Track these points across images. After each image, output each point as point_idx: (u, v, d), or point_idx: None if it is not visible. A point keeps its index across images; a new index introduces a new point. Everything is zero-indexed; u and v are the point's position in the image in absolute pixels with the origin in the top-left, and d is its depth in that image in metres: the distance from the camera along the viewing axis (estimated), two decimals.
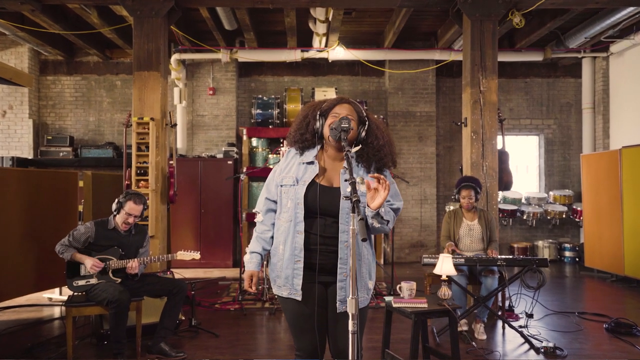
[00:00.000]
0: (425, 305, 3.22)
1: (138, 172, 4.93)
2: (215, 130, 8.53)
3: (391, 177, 2.24)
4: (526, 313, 4.75)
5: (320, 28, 7.07)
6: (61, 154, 8.11)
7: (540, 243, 8.51)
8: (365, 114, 2.22)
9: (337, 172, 2.18)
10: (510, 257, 4.24)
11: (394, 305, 3.26)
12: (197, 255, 3.75)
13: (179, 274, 5.24)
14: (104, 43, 8.27)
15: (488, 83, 5.23)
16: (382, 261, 8.18)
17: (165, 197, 5.13)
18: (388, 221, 2.06)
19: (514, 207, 8.32)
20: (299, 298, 2.14)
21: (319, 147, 2.23)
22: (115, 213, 3.75)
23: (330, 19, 6.69)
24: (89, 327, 4.32)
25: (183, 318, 4.36)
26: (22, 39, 7.57)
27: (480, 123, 5.20)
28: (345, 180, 1.98)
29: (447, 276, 3.42)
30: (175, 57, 7.88)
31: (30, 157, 8.16)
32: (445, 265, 3.34)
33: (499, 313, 4.67)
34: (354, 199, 1.75)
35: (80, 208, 5.84)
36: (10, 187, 4.87)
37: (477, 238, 4.61)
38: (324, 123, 2.19)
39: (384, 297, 3.45)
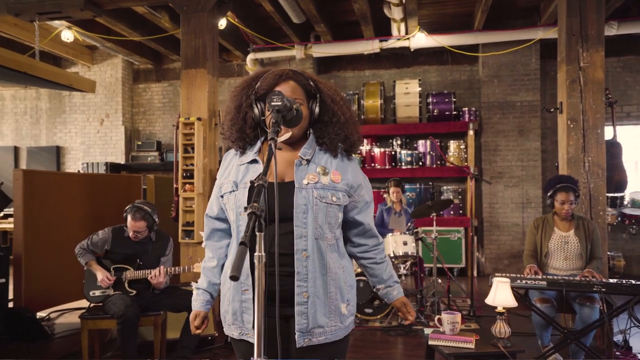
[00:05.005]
0: (472, 346, 2.44)
1: (184, 175, 4.69)
2: None
3: (356, 163, 1.70)
4: None
5: (396, 13, 6.34)
6: (149, 158, 8.41)
7: None
8: (314, 85, 1.66)
9: (291, 164, 1.64)
10: (613, 281, 3.18)
11: (430, 342, 2.53)
12: None
13: None
14: None
15: (591, 57, 4.12)
16: (475, 273, 7.16)
17: None
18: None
19: None
20: (252, 340, 1.60)
21: (262, 139, 1.70)
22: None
23: (404, 1, 5.96)
24: None
25: (217, 334, 3.99)
26: (111, 49, 7.96)
27: (580, 108, 4.11)
28: (250, 181, 1.44)
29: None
30: (250, 57, 7.69)
31: (123, 162, 8.57)
32: (500, 294, 2.50)
33: (606, 351, 3.60)
34: (248, 211, 1.17)
35: None
36: (70, 192, 4.95)
37: (573, 254, 3.61)
38: (264, 108, 1.66)
39: (428, 328, 2.73)
